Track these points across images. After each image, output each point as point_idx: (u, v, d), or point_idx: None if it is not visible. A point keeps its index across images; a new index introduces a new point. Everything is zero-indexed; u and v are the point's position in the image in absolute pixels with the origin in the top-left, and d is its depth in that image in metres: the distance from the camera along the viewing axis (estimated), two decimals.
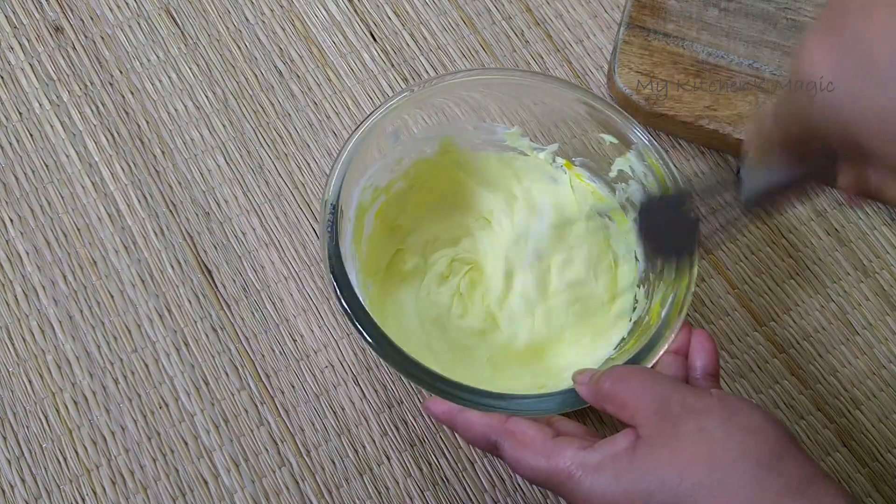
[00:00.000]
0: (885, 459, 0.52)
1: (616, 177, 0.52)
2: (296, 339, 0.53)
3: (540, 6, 0.64)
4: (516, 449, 0.41)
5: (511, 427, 0.41)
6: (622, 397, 0.40)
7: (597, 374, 0.42)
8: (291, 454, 0.51)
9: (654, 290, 0.48)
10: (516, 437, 0.41)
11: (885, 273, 0.57)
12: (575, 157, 0.53)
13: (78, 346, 0.52)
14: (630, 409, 0.39)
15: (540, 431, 0.41)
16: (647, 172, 0.49)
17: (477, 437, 0.42)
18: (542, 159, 0.54)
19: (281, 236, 0.56)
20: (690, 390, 0.40)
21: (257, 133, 0.59)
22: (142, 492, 0.49)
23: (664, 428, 0.38)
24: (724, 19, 0.61)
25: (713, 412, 0.38)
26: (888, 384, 0.54)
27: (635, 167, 0.50)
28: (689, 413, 0.38)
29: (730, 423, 0.37)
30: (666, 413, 0.38)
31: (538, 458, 0.40)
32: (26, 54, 0.60)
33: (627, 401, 0.40)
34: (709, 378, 0.44)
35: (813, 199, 0.59)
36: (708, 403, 0.38)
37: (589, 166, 0.53)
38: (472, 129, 0.53)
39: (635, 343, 0.46)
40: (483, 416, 0.42)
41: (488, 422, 0.42)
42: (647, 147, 0.49)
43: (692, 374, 0.44)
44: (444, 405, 0.43)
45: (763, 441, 0.37)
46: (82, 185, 0.56)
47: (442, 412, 0.43)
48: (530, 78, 0.51)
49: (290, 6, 0.63)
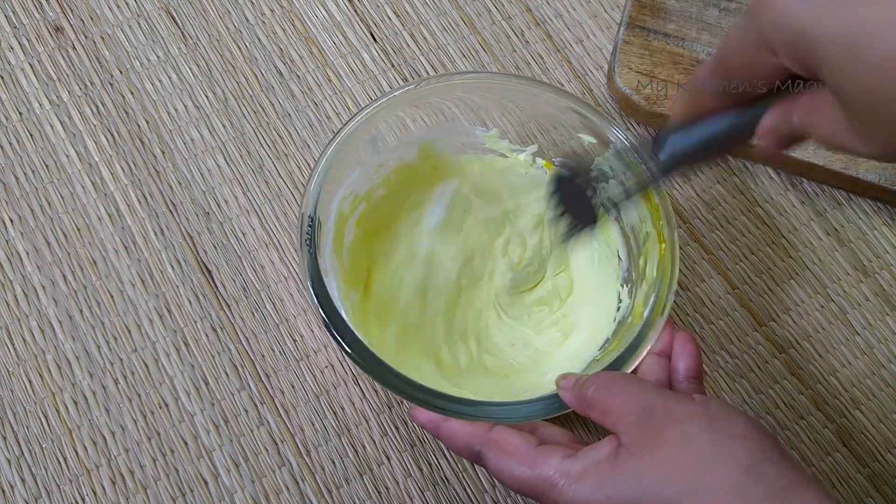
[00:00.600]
0: (885, 459, 0.52)
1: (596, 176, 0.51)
2: (296, 339, 0.53)
3: (540, 6, 0.64)
4: (500, 458, 0.40)
5: (494, 436, 0.41)
6: (605, 403, 0.40)
7: (581, 379, 0.42)
8: (291, 454, 0.51)
9: (637, 290, 0.48)
10: (500, 446, 0.41)
11: (885, 273, 0.57)
12: (555, 158, 0.53)
13: (78, 346, 0.52)
14: (613, 415, 0.39)
15: (523, 440, 0.41)
16: (626, 171, 0.49)
17: (460, 447, 0.42)
18: (522, 160, 0.54)
19: (281, 236, 0.56)
20: (673, 396, 0.39)
21: (257, 133, 0.59)
22: (142, 492, 0.49)
23: (647, 434, 0.38)
24: (724, 19, 0.61)
25: (696, 418, 0.38)
26: (888, 384, 0.54)
27: (614, 166, 0.50)
28: (672, 419, 0.38)
29: (713, 429, 0.37)
30: (649, 419, 0.38)
31: (521, 468, 0.40)
32: (26, 54, 0.60)
33: (610, 407, 0.39)
34: (692, 381, 0.43)
35: (812, 199, 0.59)
36: (691, 409, 0.38)
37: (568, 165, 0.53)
38: (451, 133, 0.53)
39: (619, 344, 0.46)
40: (466, 425, 0.42)
41: (472, 431, 0.42)
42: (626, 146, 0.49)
43: (675, 376, 0.44)
44: (429, 413, 0.43)
45: (747, 446, 0.37)
46: (82, 185, 0.56)
47: (427, 420, 0.43)
48: (505, 80, 0.51)
49: (290, 6, 0.63)
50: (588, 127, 0.50)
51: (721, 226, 0.58)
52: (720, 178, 0.59)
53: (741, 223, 0.58)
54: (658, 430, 0.38)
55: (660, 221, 0.47)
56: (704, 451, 0.37)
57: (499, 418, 0.42)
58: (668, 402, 0.39)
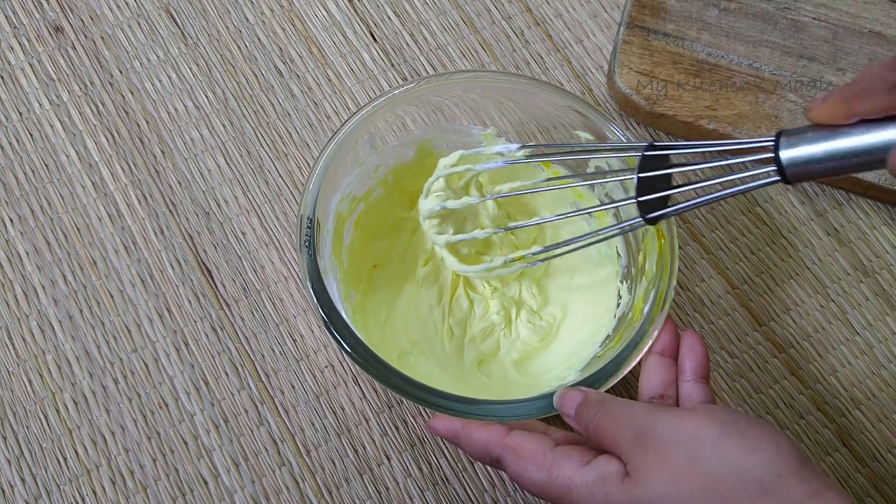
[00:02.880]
0: (885, 459, 0.52)
1: (594, 173, 0.51)
2: (296, 339, 0.53)
3: (540, 6, 0.64)
4: (517, 463, 0.41)
5: (510, 442, 0.41)
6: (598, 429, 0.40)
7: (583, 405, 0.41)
8: (291, 454, 0.51)
9: (637, 286, 0.48)
10: (516, 451, 0.41)
11: (885, 273, 0.57)
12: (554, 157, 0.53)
13: (78, 346, 0.52)
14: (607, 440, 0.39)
15: (539, 444, 0.41)
16: (622, 167, 0.49)
17: (479, 453, 0.42)
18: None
19: (281, 236, 0.56)
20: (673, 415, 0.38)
21: (257, 133, 0.59)
22: (142, 492, 0.49)
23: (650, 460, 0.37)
24: (724, 19, 0.61)
25: (701, 436, 0.37)
26: (888, 384, 0.54)
27: (611, 163, 0.50)
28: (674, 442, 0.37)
29: (722, 444, 0.36)
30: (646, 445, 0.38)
31: (539, 473, 0.40)
32: (26, 54, 0.60)
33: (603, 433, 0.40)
34: (699, 380, 0.43)
35: (812, 199, 0.59)
36: (695, 427, 0.37)
37: (567, 164, 0.53)
38: (449, 133, 0.53)
39: (619, 340, 0.46)
40: (484, 431, 0.42)
41: (489, 437, 0.42)
42: None
43: (682, 376, 0.43)
44: (447, 423, 0.43)
45: (762, 460, 0.36)
46: (82, 185, 0.56)
47: (445, 429, 0.43)
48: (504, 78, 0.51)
49: (290, 6, 0.63)
50: (588, 126, 0.50)
51: (721, 225, 0.58)
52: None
53: (741, 223, 0.58)
54: (660, 455, 0.37)
55: None
56: (715, 473, 0.36)
57: (500, 417, 0.42)
58: (659, 424, 0.38)
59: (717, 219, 0.58)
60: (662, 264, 0.46)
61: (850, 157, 0.35)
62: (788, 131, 0.37)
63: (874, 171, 0.57)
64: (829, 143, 0.36)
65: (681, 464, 0.36)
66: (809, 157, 0.36)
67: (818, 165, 0.36)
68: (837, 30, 0.61)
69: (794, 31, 0.61)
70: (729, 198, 0.45)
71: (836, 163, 0.36)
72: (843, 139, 0.35)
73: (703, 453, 0.36)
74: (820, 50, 0.60)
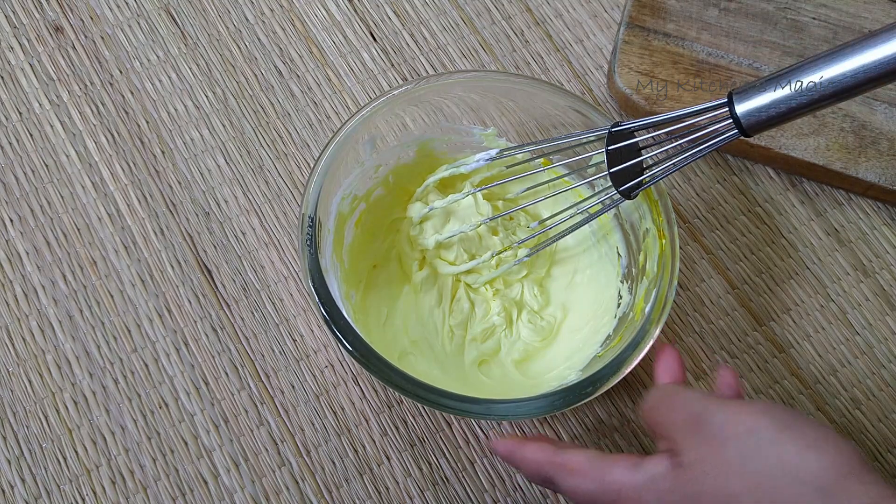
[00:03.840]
0: (886, 459, 0.52)
1: (595, 171, 0.51)
2: (296, 339, 0.53)
3: (540, 6, 0.64)
4: (568, 479, 0.40)
5: (558, 459, 0.41)
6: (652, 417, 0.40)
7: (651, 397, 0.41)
8: (291, 454, 0.51)
9: (638, 286, 0.48)
10: (565, 467, 0.40)
11: (885, 273, 0.57)
12: (553, 155, 0.53)
13: (78, 346, 0.52)
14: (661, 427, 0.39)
15: (586, 456, 0.40)
16: None
17: (533, 474, 0.42)
18: (519, 158, 0.53)
19: (281, 236, 0.56)
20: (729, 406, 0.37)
21: (257, 133, 0.59)
22: (142, 492, 0.49)
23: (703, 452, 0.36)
24: (724, 19, 0.61)
25: (759, 430, 0.35)
26: (888, 384, 0.54)
27: None
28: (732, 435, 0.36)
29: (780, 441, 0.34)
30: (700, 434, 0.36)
31: (588, 484, 0.39)
32: (26, 54, 0.60)
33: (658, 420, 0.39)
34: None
35: (812, 199, 0.59)
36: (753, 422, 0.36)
37: (567, 163, 0.53)
38: (449, 133, 0.53)
39: (620, 340, 0.46)
40: (534, 451, 0.42)
41: (539, 458, 0.42)
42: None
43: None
44: (506, 444, 0.43)
45: (822, 462, 0.34)
46: (82, 185, 0.56)
47: (504, 451, 0.43)
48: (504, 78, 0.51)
49: (290, 6, 0.63)
50: (588, 126, 0.50)
51: (721, 226, 0.58)
52: (720, 177, 0.59)
53: (741, 223, 0.58)
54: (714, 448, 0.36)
55: (660, 217, 0.47)
56: (769, 473, 0.34)
57: (501, 416, 0.42)
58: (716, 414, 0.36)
59: (717, 219, 0.58)
60: (663, 264, 0.46)
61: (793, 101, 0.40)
62: (738, 89, 0.42)
63: (874, 171, 0.57)
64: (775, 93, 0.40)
65: (734, 461, 0.35)
66: (759, 106, 0.41)
67: (768, 112, 0.41)
68: (837, 30, 0.61)
69: (794, 31, 0.61)
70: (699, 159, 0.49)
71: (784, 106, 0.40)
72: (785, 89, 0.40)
73: (759, 451, 0.35)
74: (820, 50, 0.60)
